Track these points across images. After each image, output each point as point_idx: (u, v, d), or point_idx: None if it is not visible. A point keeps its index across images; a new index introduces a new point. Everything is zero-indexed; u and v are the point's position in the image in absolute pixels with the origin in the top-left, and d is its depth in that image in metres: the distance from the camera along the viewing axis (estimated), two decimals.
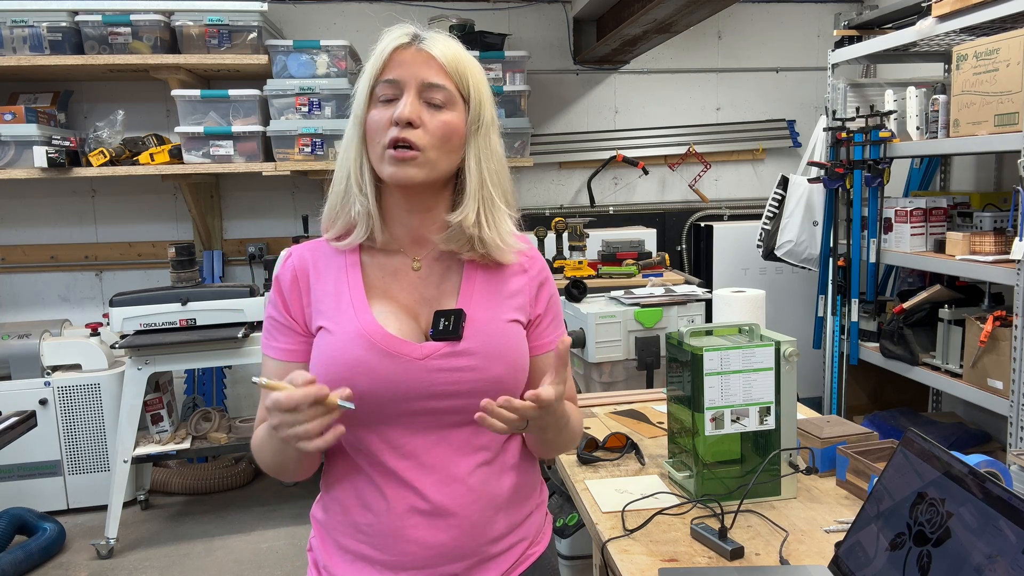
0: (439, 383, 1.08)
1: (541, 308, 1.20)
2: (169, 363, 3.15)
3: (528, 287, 1.19)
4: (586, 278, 3.22)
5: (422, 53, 1.08)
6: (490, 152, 1.14)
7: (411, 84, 1.07)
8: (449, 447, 1.10)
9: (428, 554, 1.09)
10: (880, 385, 3.63)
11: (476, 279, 1.15)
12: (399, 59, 1.08)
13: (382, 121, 1.07)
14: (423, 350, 1.08)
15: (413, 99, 1.07)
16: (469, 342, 1.10)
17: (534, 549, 1.20)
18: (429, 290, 1.15)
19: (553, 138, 4.27)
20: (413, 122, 1.06)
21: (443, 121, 1.08)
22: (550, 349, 1.20)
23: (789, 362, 1.47)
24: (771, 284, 4.03)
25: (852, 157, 3.17)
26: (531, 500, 1.21)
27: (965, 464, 1.00)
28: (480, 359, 1.09)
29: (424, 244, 1.15)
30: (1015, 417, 2.47)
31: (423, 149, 1.07)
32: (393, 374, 1.07)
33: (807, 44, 4.40)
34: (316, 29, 4.00)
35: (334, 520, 1.15)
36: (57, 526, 3.15)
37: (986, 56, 2.51)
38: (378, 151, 1.08)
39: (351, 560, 1.13)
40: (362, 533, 1.11)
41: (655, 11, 3.04)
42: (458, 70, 1.09)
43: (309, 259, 1.16)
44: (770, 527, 1.38)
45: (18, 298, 3.95)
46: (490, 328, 1.12)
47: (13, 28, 3.31)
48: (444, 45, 1.10)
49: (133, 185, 3.95)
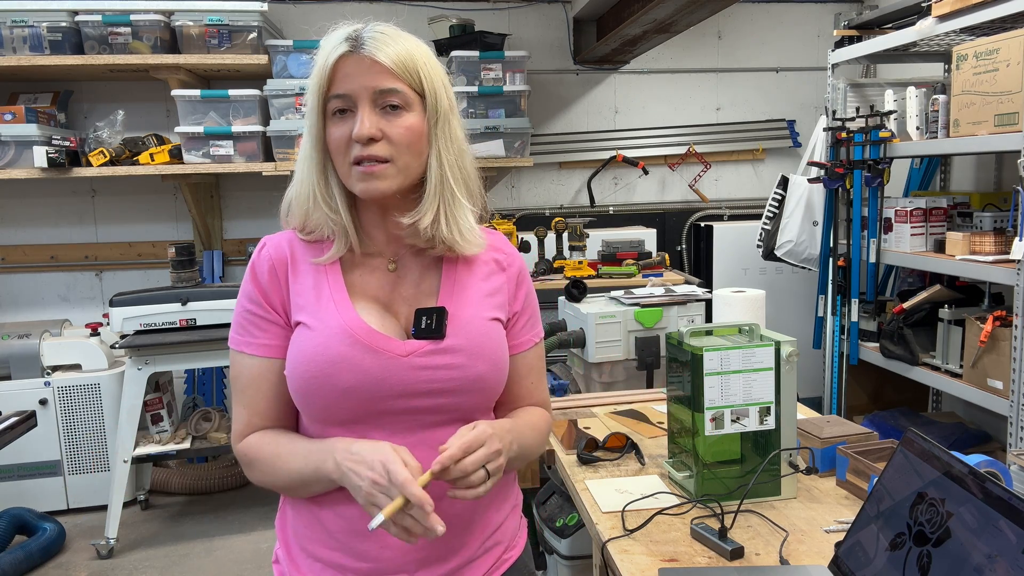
0: (422, 381, 1.06)
1: (519, 306, 1.19)
2: (169, 363, 3.15)
3: (507, 285, 1.18)
4: (586, 278, 3.22)
5: (365, 60, 1.03)
6: (450, 141, 1.09)
7: (363, 96, 1.02)
8: (428, 449, 1.03)
9: (405, 560, 1.07)
10: (880, 385, 3.63)
11: (456, 277, 1.14)
12: (344, 70, 1.03)
13: (342, 139, 1.04)
14: (406, 347, 1.07)
15: (369, 112, 1.02)
16: (452, 340, 1.08)
17: (510, 554, 1.19)
18: (407, 289, 1.13)
19: (553, 138, 4.27)
20: (374, 136, 1.02)
21: (405, 127, 1.04)
22: (526, 348, 1.21)
23: (789, 362, 1.47)
24: (771, 284, 4.03)
25: (852, 157, 3.17)
26: (507, 504, 1.20)
27: (965, 464, 1.00)
28: (464, 357, 1.08)
29: (401, 244, 1.14)
30: (1015, 417, 2.47)
31: (391, 159, 1.04)
32: (377, 371, 1.05)
33: (807, 44, 4.40)
34: (316, 29, 3.96)
35: (305, 528, 1.11)
36: (57, 526, 3.15)
37: (986, 56, 2.51)
38: (344, 168, 1.05)
39: (321, 569, 1.09)
40: (335, 540, 1.08)
41: (655, 11, 3.04)
42: (407, 68, 1.04)
43: (287, 250, 1.12)
44: (770, 527, 1.38)
45: (18, 298, 3.95)
46: (472, 326, 1.11)
47: (13, 28, 3.31)
48: (387, 43, 1.04)
49: (133, 185, 3.95)
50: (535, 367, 1.23)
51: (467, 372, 1.08)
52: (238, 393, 1.12)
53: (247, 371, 1.11)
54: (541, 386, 1.25)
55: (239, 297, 1.13)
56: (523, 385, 1.21)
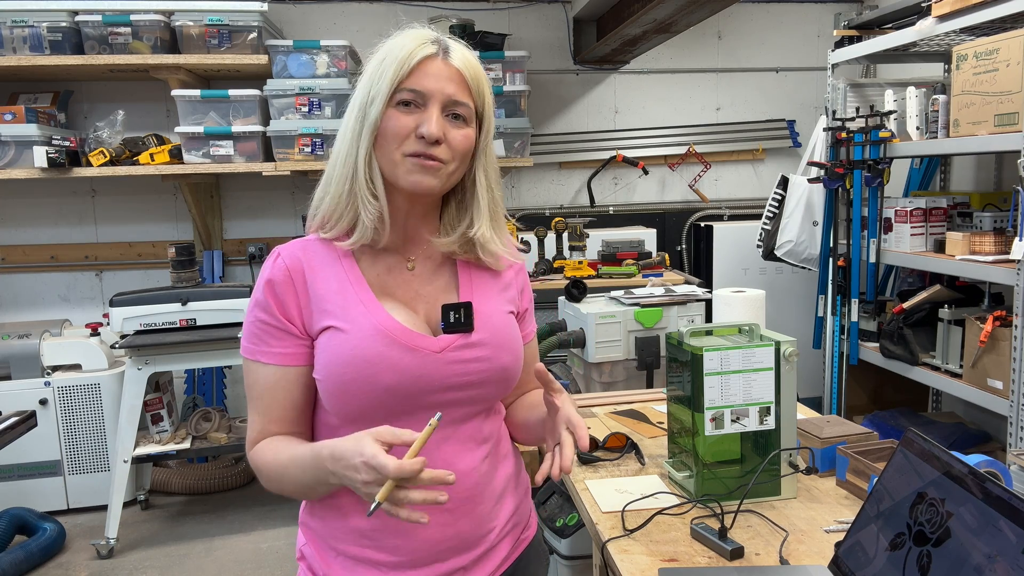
0: (455, 375, 1.10)
1: (527, 302, 1.27)
2: (169, 363, 3.15)
3: (516, 281, 1.24)
4: (586, 278, 3.22)
5: (449, 67, 1.08)
6: (490, 163, 1.16)
7: (437, 98, 1.07)
8: (457, 441, 1.12)
9: (437, 550, 1.10)
10: (880, 385, 3.63)
11: (472, 274, 1.18)
12: (426, 70, 1.07)
13: (403, 128, 1.06)
14: (440, 343, 1.10)
15: (439, 115, 1.07)
16: (480, 333, 1.13)
17: (527, 533, 1.26)
18: (423, 286, 1.16)
19: (553, 138, 4.27)
20: (440, 139, 1.06)
21: (464, 136, 1.09)
22: (530, 340, 1.27)
23: (789, 362, 1.47)
24: (771, 284, 4.03)
25: (852, 157, 3.17)
26: (521, 486, 1.26)
27: (965, 464, 1.00)
28: (491, 349, 1.13)
29: (418, 243, 1.16)
30: (1015, 417, 2.47)
31: (446, 163, 1.08)
32: (415, 368, 1.08)
33: (807, 44, 4.40)
34: (316, 29, 4.00)
35: (331, 526, 1.13)
36: (57, 526, 3.15)
37: (986, 56, 2.51)
38: (395, 156, 1.07)
39: (352, 565, 1.11)
40: (365, 538, 1.10)
41: (655, 11, 3.04)
42: (479, 88, 1.11)
43: (302, 258, 1.11)
44: (770, 527, 1.38)
45: (18, 298, 3.95)
46: (495, 319, 1.16)
47: (13, 28, 3.31)
48: (466, 59, 1.10)
49: (133, 185, 3.95)
50: (534, 357, 1.31)
51: (494, 364, 1.13)
52: (253, 400, 1.12)
53: (262, 379, 1.11)
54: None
55: (251, 307, 1.12)
56: (528, 372, 1.25)
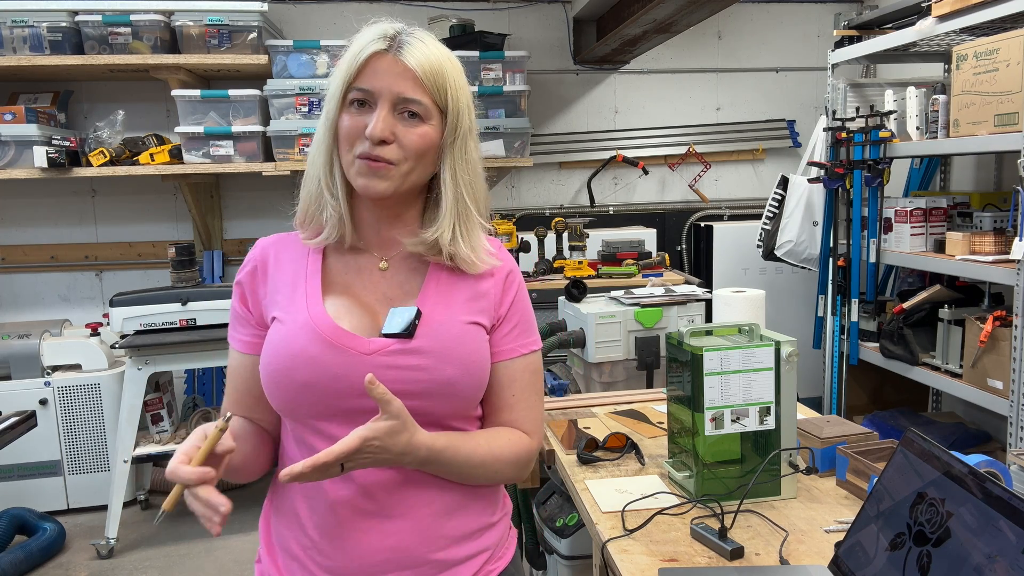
0: (387, 381, 1.01)
1: (503, 311, 1.15)
2: (169, 363, 3.15)
3: (493, 290, 1.15)
4: (586, 278, 3.22)
5: (399, 63, 1.04)
6: (465, 163, 1.11)
7: (385, 97, 1.04)
8: None
9: (375, 560, 1.06)
10: (880, 385, 3.63)
11: (440, 280, 1.13)
12: (374, 67, 1.04)
13: (354, 129, 1.05)
14: (371, 345, 1.06)
15: (386, 114, 1.03)
16: (421, 341, 1.06)
17: (495, 565, 1.16)
18: (392, 289, 1.13)
19: (553, 138, 4.27)
20: (386, 139, 1.03)
21: (418, 135, 1.05)
22: (510, 357, 1.15)
23: (789, 362, 1.47)
24: (771, 284, 4.03)
25: (852, 157, 3.17)
26: (487, 511, 1.16)
27: (965, 464, 1.00)
28: (432, 359, 1.06)
29: (393, 245, 1.14)
30: (1015, 417, 2.47)
31: (396, 163, 1.05)
32: (335, 367, 1.04)
33: (807, 44, 4.40)
34: (316, 29, 4.00)
35: (284, 526, 1.12)
36: (57, 526, 3.15)
37: (986, 56, 2.51)
38: (349, 158, 1.06)
39: (298, 568, 1.09)
40: (309, 538, 1.08)
41: (655, 11, 3.04)
42: (436, 82, 1.05)
43: (271, 251, 1.16)
44: (770, 527, 1.38)
45: (18, 298, 3.95)
46: (445, 329, 1.08)
47: (13, 28, 3.31)
48: (422, 53, 1.05)
49: (133, 185, 3.95)
50: (520, 381, 1.16)
51: (435, 375, 1.06)
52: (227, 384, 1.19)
53: (231, 363, 1.16)
54: (527, 404, 1.17)
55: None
56: (502, 396, 1.15)
